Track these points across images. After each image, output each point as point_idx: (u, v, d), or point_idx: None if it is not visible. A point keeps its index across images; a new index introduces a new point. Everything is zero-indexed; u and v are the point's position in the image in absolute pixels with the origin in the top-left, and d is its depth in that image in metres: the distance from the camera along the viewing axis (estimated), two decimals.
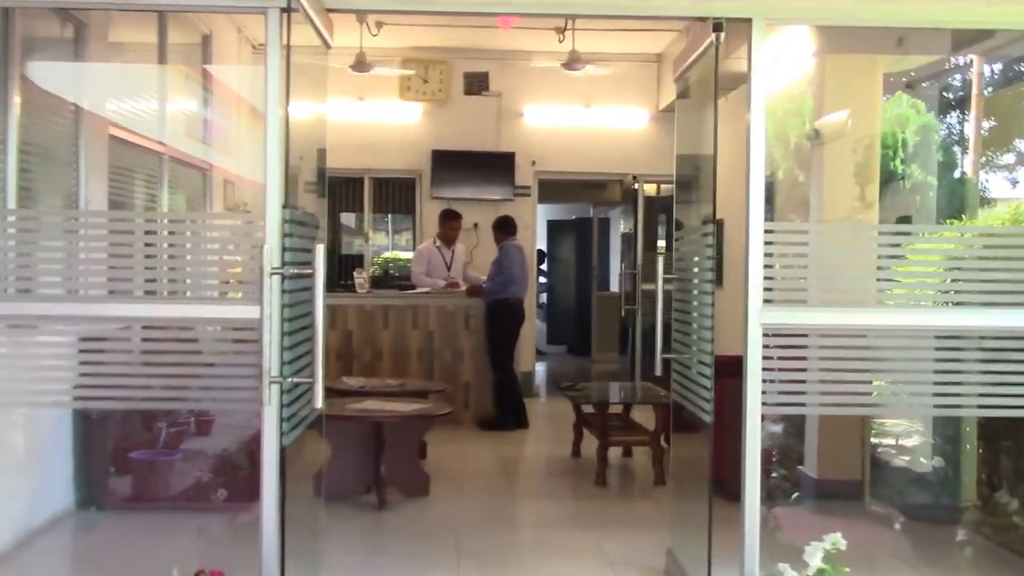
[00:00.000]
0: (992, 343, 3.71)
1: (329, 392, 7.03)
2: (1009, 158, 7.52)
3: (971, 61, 7.03)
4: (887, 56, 6.89)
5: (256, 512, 3.34)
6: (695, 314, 4.17)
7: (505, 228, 8.47)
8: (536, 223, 10.43)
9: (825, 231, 4.63)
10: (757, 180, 3.78)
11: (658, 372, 4.24)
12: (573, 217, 16.74)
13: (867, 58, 6.66)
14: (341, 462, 5.63)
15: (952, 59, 6.78)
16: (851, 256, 3.94)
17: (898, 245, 3.96)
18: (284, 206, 3.28)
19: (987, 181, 7.87)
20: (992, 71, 6.94)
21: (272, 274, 3.13)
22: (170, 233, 3.69)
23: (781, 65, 7.80)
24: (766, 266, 3.69)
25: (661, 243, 12.39)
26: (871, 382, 3.80)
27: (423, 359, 8.43)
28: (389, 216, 13.35)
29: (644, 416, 6.79)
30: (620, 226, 16.87)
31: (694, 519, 4.26)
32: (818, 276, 3.79)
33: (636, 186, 10.09)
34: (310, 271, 3.18)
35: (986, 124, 7.58)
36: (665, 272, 4.33)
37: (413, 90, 10.01)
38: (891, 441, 6.47)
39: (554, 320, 16.09)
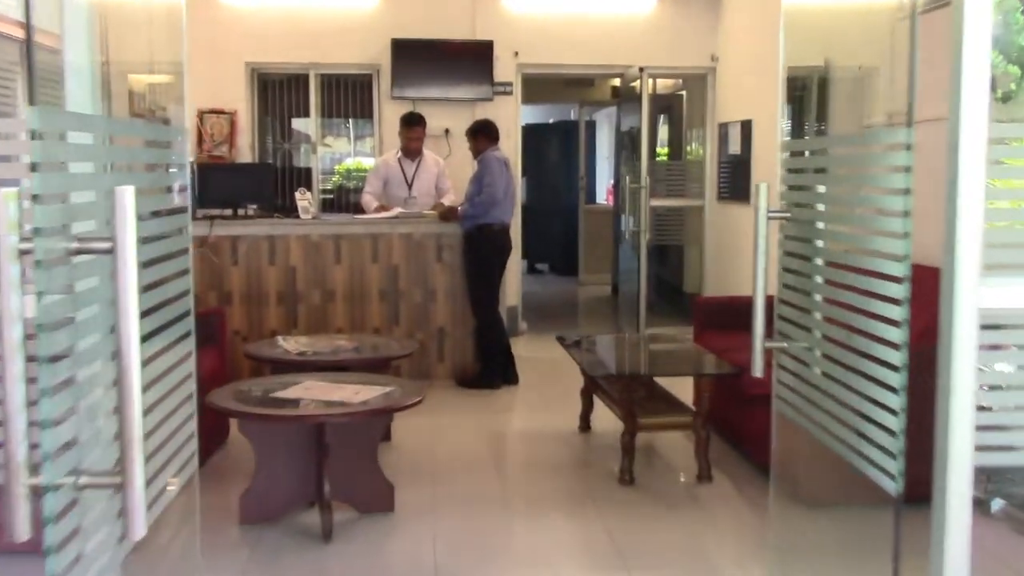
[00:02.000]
0: None
1: (258, 363, 5.40)
2: None
3: None
4: None
5: None
6: (820, 281, 2.51)
7: (485, 134, 6.72)
8: (519, 128, 8.66)
9: None
10: (978, 54, 2.03)
11: (756, 372, 2.60)
12: (551, 120, 14.91)
13: None
14: (270, 473, 4.01)
15: None
16: None
17: None
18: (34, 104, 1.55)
19: None
20: None
21: (21, 252, 1.43)
22: None
23: None
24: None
25: (662, 149, 10.72)
26: None
27: (386, 301, 6.77)
28: (350, 120, 11.46)
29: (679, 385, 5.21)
30: (607, 130, 15.13)
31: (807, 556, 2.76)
32: None
33: (639, 82, 8.32)
34: (106, 246, 1.48)
35: None
36: (771, 208, 2.62)
37: None
38: None
39: (535, 236, 14.38)
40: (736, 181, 8.10)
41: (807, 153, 2.84)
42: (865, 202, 2.32)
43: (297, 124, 9.37)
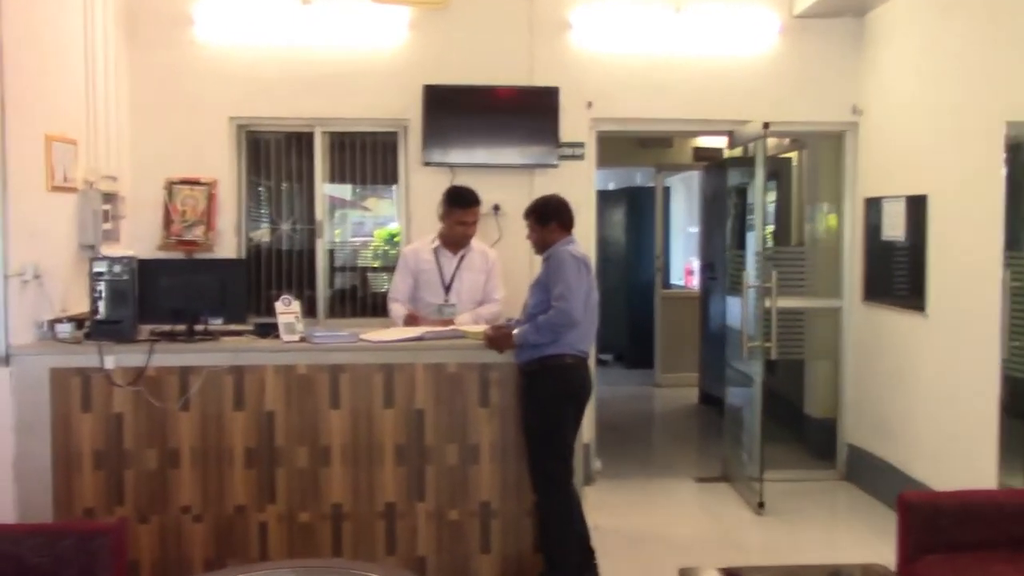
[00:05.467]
0: None
1: None
2: None
3: None
4: None
5: None
6: None
7: (553, 219, 4.56)
8: (593, 204, 6.49)
9: None
10: None
11: None
12: (611, 186, 12.73)
13: None
14: None
15: None
16: None
17: None
18: None
19: None
20: None
21: None
22: None
23: None
24: None
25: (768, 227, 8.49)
26: None
27: (406, 463, 4.58)
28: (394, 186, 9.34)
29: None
30: (683, 198, 12.92)
31: None
32: None
33: (757, 143, 6.12)
34: None
35: None
36: None
37: None
38: None
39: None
40: (893, 277, 5.85)
41: None
42: None
43: (332, 190, 7.16)
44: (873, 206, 6.10)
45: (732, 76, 6.31)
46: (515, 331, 4.42)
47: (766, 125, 5.71)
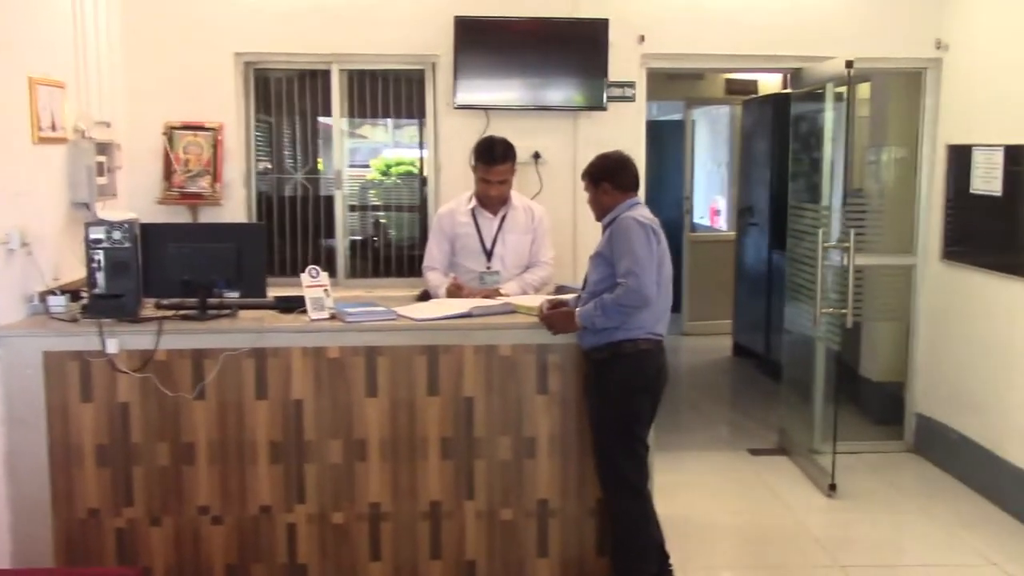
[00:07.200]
0: None
1: None
2: None
3: None
4: None
5: None
6: None
7: (617, 180, 3.90)
8: (643, 150, 5.83)
9: None
10: None
11: None
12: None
13: None
14: None
15: None
16: None
17: None
18: None
19: None
20: None
21: None
22: None
23: None
24: None
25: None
26: None
27: (453, 457, 4.02)
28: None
29: None
30: (706, 133, 12.19)
31: None
32: None
33: (828, 83, 5.46)
34: None
35: None
36: None
37: None
38: None
39: None
40: (983, 235, 5.26)
41: None
42: None
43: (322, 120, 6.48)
44: (959, 154, 5.46)
45: (801, 7, 5.61)
46: (577, 311, 3.81)
47: (849, 64, 5.00)
